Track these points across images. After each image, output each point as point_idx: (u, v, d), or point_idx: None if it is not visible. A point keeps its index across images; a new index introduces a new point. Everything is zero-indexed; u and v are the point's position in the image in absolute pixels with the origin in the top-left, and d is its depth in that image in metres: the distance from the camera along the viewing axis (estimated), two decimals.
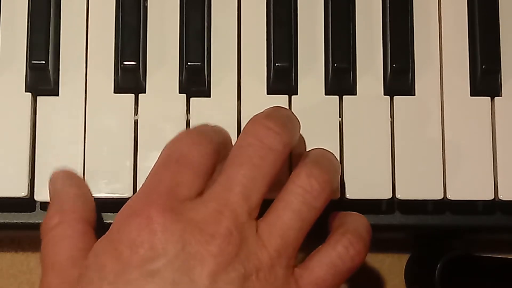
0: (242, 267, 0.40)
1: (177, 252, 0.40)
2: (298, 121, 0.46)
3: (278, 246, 0.42)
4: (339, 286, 0.43)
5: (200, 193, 0.42)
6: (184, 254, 0.40)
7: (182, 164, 0.42)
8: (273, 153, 0.43)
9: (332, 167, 0.45)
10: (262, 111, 0.45)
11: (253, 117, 0.44)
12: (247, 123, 0.44)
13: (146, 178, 0.43)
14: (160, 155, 0.44)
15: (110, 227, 0.42)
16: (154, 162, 0.44)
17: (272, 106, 0.46)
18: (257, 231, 0.42)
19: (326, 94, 0.51)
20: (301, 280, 0.42)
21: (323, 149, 0.47)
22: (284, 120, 0.44)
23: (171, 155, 0.43)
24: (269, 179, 0.42)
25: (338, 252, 0.43)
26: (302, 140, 0.49)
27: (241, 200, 0.41)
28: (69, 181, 0.47)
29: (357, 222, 0.45)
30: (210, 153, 0.43)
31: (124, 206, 0.43)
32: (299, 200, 0.43)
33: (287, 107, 0.50)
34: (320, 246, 0.44)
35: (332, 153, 0.46)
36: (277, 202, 0.43)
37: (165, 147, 0.44)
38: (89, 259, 0.42)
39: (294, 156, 0.48)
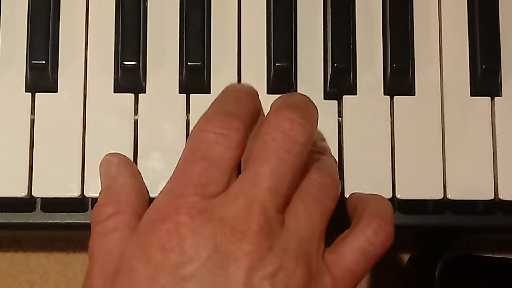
0: (278, 260, 0.40)
1: (209, 254, 0.39)
2: (315, 106, 0.45)
3: (307, 234, 0.41)
4: (369, 269, 0.43)
5: (228, 185, 0.42)
6: (217, 255, 0.39)
7: (208, 161, 0.41)
8: (298, 145, 0.42)
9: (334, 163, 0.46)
10: (281, 97, 0.44)
11: (274, 106, 0.43)
12: (269, 113, 0.43)
13: (172, 174, 0.42)
14: (185, 147, 0.42)
15: (136, 230, 0.41)
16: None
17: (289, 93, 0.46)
18: (285, 223, 0.41)
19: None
20: (333, 266, 0.42)
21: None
22: (306, 110, 0.43)
23: (197, 150, 0.42)
24: (296, 172, 0.42)
25: (368, 237, 0.43)
26: None
27: (270, 196, 0.41)
28: (125, 169, 0.46)
29: (383, 205, 0.45)
30: (237, 144, 0.42)
31: (150, 207, 0.42)
32: (317, 188, 0.43)
33: None
34: (347, 230, 0.44)
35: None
36: (297, 192, 0.43)
37: (190, 136, 0.42)
38: (120, 263, 0.41)
39: None
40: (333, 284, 0.42)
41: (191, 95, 0.50)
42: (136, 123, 0.50)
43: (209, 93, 0.50)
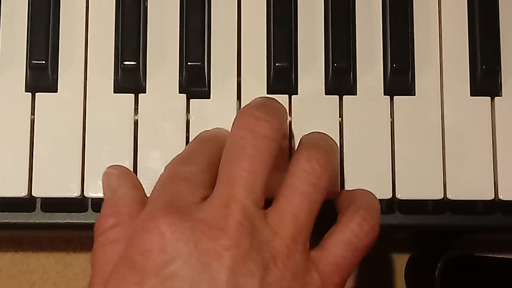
0: (259, 257, 0.40)
1: (190, 251, 0.40)
2: (282, 104, 0.46)
3: (292, 232, 0.42)
4: (358, 263, 0.43)
5: (204, 199, 0.42)
6: (198, 252, 0.39)
7: (177, 181, 0.43)
8: (266, 140, 0.43)
9: (330, 147, 0.45)
10: (249, 103, 0.45)
11: (241, 109, 0.45)
12: (236, 116, 0.44)
13: (148, 200, 0.44)
14: (157, 181, 0.45)
15: (125, 244, 0.42)
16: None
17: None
18: (267, 220, 0.42)
19: (326, 94, 0.51)
20: (319, 262, 0.42)
21: (319, 132, 0.47)
22: (271, 108, 0.44)
23: (167, 176, 0.44)
24: (268, 166, 0.42)
25: (353, 229, 0.43)
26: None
27: (246, 192, 0.41)
28: (126, 181, 0.47)
29: (367, 198, 0.45)
30: (200, 171, 0.44)
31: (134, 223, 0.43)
32: (304, 183, 0.43)
33: (287, 107, 0.50)
34: (333, 227, 0.44)
35: (327, 134, 0.47)
36: (283, 189, 0.43)
37: (162, 173, 0.45)
38: (110, 274, 0.41)
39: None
40: (321, 281, 0.42)
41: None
42: (136, 123, 0.50)
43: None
